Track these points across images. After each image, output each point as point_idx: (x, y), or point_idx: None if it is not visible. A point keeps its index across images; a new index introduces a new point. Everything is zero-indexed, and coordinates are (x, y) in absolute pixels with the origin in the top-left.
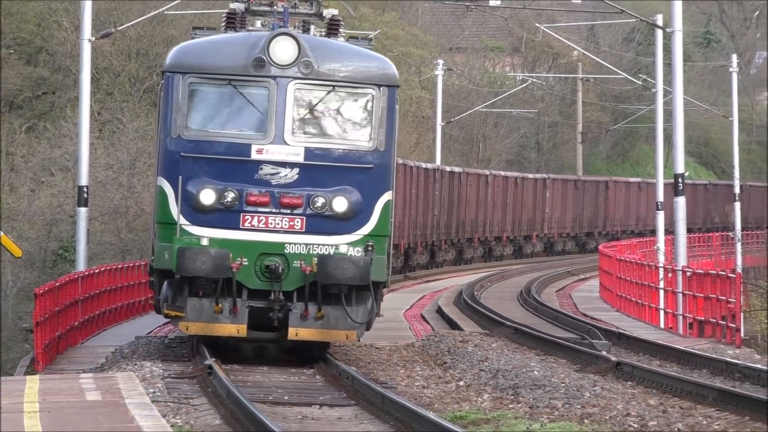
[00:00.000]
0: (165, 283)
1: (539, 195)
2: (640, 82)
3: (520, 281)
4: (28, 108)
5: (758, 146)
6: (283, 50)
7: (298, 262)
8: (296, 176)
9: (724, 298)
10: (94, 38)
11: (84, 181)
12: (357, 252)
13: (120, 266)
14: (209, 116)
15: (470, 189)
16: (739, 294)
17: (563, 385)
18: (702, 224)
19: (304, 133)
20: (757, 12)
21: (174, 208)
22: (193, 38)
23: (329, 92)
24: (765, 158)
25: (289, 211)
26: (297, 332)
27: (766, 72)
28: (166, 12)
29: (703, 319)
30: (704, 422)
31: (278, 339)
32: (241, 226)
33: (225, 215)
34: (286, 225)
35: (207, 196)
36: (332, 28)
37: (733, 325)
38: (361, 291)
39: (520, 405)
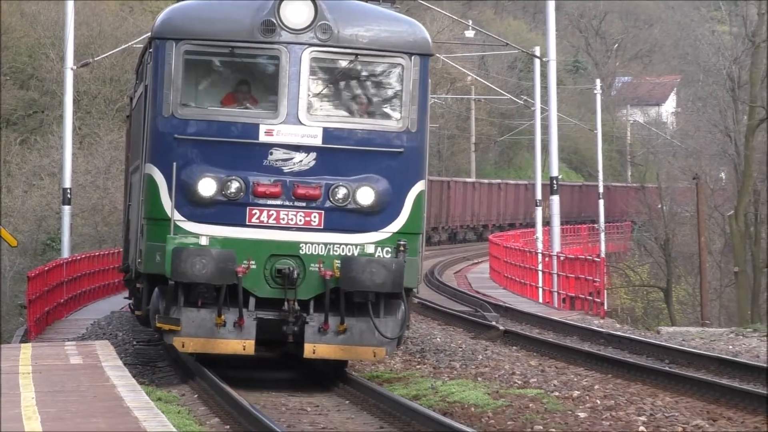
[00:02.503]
0: (156, 290)
1: None
2: (522, 102)
3: (425, 265)
4: (22, 124)
5: (617, 154)
6: (297, 12)
7: (316, 265)
8: (313, 162)
9: (590, 278)
10: (75, 67)
11: (67, 183)
12: (386, 253)
13: (97, 254)
14: (208, 91)
15: None
16: (602, 275)
17: (461, 349)
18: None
19: (322, 110)
20: (616, 45)
21: (167, 201)
22: None
23: (351, 62)
24: (623, 163)
25: (304, 204)
26: (314, 349)
27: (624, 93)
28: (134, 45)
29: (574, 295)
30: (575, 379)
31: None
32: (247, 223)
33: (228, 209)
34: (301, 221)
35: (206, 187)
36: None
37: (598, 300)
38: (390, 299)
39: (425, 366)
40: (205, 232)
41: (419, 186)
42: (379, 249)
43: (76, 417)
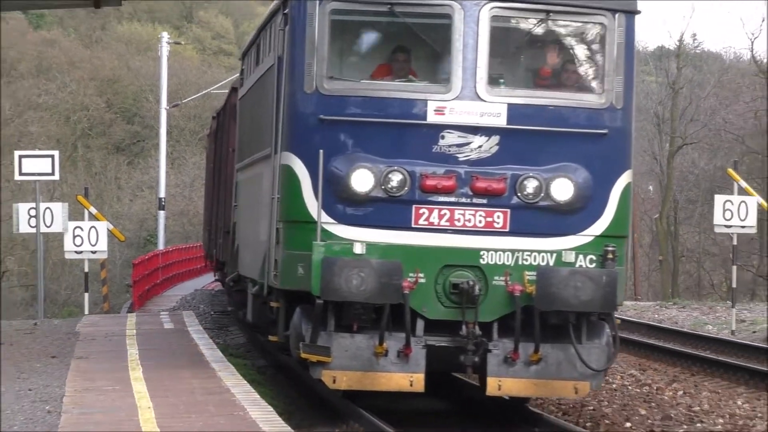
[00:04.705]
0: (297, 311)
1: None
2: None
3: None
4: (128, 150)
5: None
6: None
7: (502, 278)
8: (495, 148)
9: None
10: (168, 107)
11: (162, 194)
12: (590, 261)
13: (184, 247)
14: (362, 61)
15: None
16: None
17: None
18: None
19: (506, 83)
20: None
21: (311, 199)
22: None
23: (541, 21)
24: None
25: (485, 201)
26: (500, 384)
27: None
28: (213, 91)
29: None
30: None
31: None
32: (413, 225)
33: (389, 208)
34: (481, 222)
35: (362, 180)
36: None
37: None
38: (593, 320)
39: None
40: (361, 237)
41: (626, 177)
42: (581, 257)
43: (168, 368)
